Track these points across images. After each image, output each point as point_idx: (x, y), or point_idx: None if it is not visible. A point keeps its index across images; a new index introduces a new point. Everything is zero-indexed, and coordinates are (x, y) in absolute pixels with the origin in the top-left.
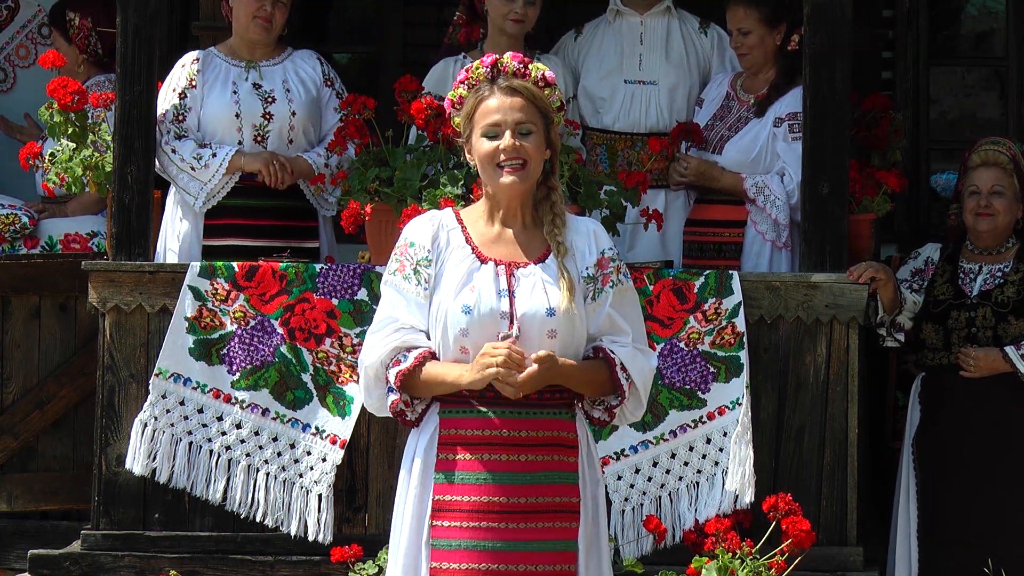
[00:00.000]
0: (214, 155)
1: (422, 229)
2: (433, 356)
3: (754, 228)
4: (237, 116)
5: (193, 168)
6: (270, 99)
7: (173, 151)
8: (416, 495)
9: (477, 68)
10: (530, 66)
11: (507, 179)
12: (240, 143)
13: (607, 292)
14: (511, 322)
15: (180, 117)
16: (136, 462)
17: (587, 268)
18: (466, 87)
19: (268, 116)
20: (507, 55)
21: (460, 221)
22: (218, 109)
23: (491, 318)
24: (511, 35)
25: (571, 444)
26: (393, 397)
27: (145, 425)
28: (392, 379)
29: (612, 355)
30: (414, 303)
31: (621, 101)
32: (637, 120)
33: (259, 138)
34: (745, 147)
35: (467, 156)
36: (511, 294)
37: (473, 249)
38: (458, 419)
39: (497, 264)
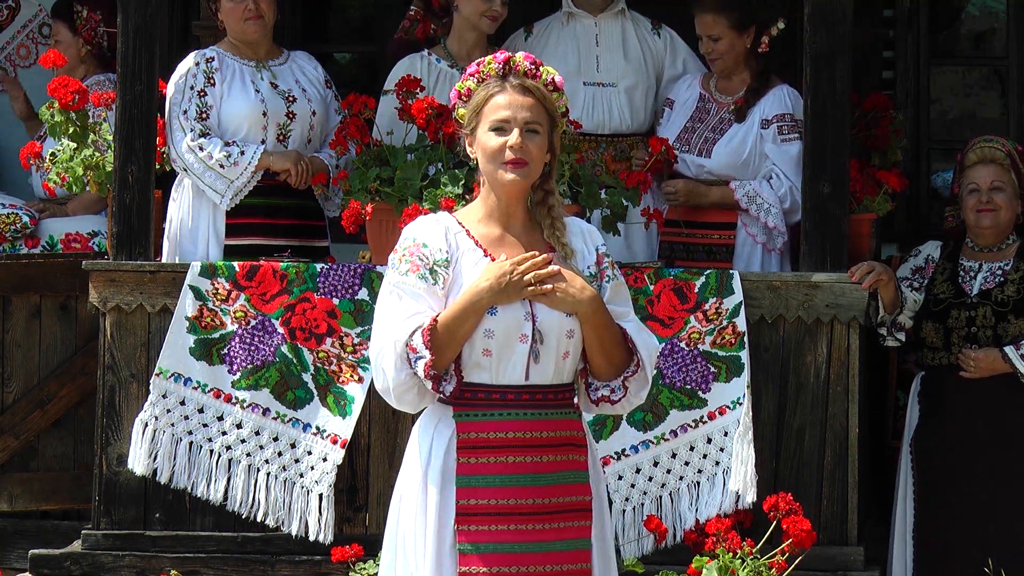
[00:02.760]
0: (242, 153)
1: (433, 230)
2: None
3: (745, 231)
4: (264, 115)
5: (222, 166)
6: (291, 98)
7: (200, 148)
8: (436, 501)
9: (489, 63)
10: (541, 68)
11: (509, 176)
12: (263, 141)
13: (604, 288)
14: (532, 322)
15: (203, 115)
16: (137, 462)
17: (588, 267)
18: (475, 80)
19: (291, 115)
20: (519, 55)
21: (461, 224)
22: (243, 108)
23: (515, 319)
24: (484, 32)
25: (580, 443)
26: (426, 359)
27: (146, 425)
28: (420, 341)
29: (623, 326)
30: (436, 300)
31: (582, 103)
32: (601, 122)
33: (281, 137)
34: (734, 150)
35: (468, 149)
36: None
37: (484, 252)
38: (475, 422)
39: None
